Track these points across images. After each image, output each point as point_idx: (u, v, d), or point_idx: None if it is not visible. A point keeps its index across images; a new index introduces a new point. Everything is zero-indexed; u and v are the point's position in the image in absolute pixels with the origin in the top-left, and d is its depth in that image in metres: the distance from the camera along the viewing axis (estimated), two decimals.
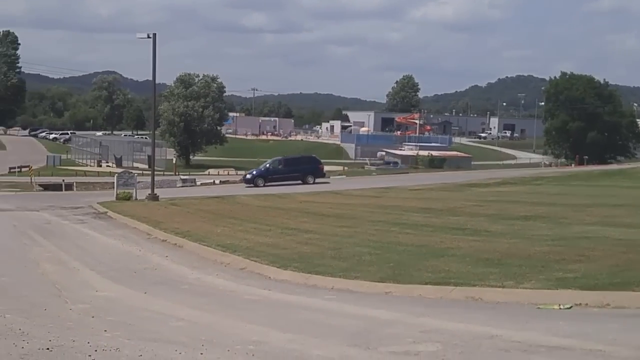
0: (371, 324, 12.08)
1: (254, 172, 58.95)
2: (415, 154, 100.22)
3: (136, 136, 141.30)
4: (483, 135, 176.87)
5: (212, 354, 9.91)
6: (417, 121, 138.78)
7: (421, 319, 12.31)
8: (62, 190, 62.57)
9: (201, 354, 9.90)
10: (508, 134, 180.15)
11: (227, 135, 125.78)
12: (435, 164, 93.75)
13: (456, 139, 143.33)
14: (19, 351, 9.82)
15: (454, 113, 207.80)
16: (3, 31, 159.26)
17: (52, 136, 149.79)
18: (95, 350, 9.92)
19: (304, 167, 59.35)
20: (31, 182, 68.32)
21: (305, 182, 56.40)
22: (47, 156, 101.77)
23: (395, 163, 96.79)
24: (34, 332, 11.08)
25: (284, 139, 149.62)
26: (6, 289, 15.46)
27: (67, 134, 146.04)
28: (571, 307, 12.72)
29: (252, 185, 56.54)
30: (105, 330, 11.39)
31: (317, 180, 57.46)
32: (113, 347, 10.20)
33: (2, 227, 29.83)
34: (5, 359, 9.36)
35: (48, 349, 9.99)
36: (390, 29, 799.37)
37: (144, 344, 10.40)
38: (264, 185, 55.47)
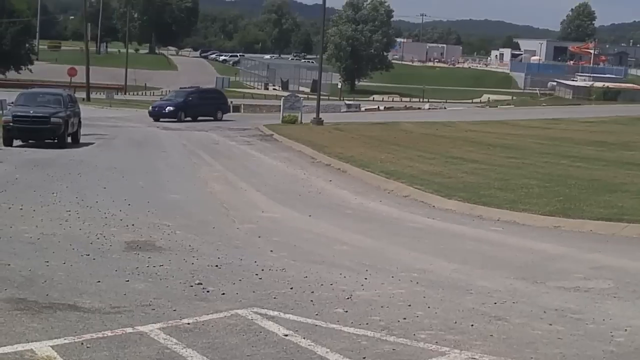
0: (539, 258, 11.69)
1: (172, 105, 48.99)
2: (588, 85, 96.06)
3: (303, 60, 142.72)
4: None
5: (376, 279, 9.84)
6: (591, 51, 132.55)
7: (592, 255, 11.84)
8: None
9: (365, 278, 9.86)
10: None
11: (393, 61, 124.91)
12: (608, 96, 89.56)
13: (632, 71, 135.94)
14: (189, 267, 10.10)
15: (631, 44, 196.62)
16: None
17: (221, 58, 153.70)
18: (262, 270, 10.07)
19: (215, 101, 52.06)
20: None
21: (216, 118, 49.45)
22: (217, 78, 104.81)
23: None
24: (203, 249, 11.37)
25: (450, 66, 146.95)
26: (177, 206, 15.97)
27: (236, 56, 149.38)
28: None
29: (173, 119, 47.21)
30: (271, 251, 11.54)
31: (225, 116, 51.20)
32: (279, 267, 10.32)
33: (173, 146, 30.93)
34: (176, 274, 9.65)
35: (217, 266, 10.23)
36: None
37: (308, 266, 10.47)
38: (184, 120, 47.50)
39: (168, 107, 48.36)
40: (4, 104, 32.34)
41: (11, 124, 27.19)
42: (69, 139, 28.90)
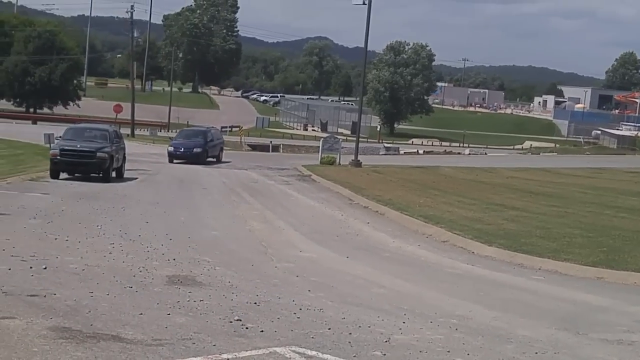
0: (581, 309, 11.55)
1: (198, 147, 43.98)
2: (634, 135, 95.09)
3: (342, 102, 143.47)
4: None
5: (414, 324, 9.79)
6: (637, 100, 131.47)
7: (636, 308, 11.70)
8: (269, 152, 64.64)
9: (403, 322, 9.81)
10: None
11: (433, 105, 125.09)
12: None
13: None
14: (229, 303, 10.16)
15: None
16: None
17: (262, 98, 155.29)
18: (300, 309, 10.08)
19: (219, 142, 48.41)
20: (240, 141, 71.09)
21: (218, 160, 46.32)
22: (257, 117, 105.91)
23: None
24: (242, 286, 11.43)
25: (492, 111, 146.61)
26: (217, 243, 16.09)
27: (277, 96, 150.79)
28: None
29: (195, 161, 42.54)
30: (309, 290, 11.56)
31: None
32: (317, 307, 10.33)
33: (213, 184, 31.18)
34: (216, 310, 9.71)
35: (255, 303, 10.27)
36: (623, 3, 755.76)
37: (346, 307, 10.46)
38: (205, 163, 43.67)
39: (195, 149, 43.66)
40: (52, 138, 32.87)
41: (58, 157, 27.70)
42: (114, 174, 29.30)
